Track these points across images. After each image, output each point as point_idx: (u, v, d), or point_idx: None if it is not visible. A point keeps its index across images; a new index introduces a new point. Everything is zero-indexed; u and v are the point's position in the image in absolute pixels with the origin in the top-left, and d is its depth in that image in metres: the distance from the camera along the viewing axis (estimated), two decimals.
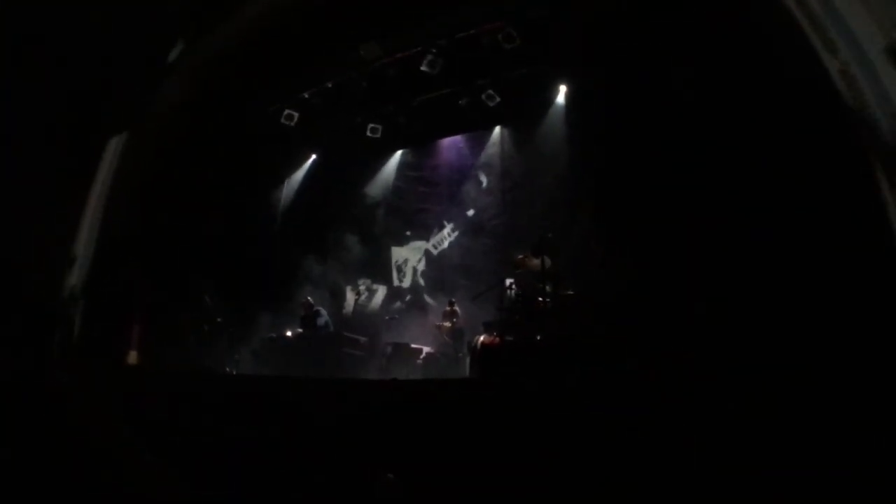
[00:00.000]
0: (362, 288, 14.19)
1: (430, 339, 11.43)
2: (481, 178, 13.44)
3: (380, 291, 14.39)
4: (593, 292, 8.63)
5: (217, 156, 11.88)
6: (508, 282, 9.39)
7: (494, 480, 4.88)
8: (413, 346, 11.28)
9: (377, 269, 14.37)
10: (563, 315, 8.40)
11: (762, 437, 4.19)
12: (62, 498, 4.17)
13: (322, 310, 12.24)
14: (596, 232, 9.82)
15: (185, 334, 11.14)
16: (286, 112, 13.28)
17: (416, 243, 14.20)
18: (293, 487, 5.30)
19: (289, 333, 12.13)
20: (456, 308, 11.42)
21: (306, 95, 13.15)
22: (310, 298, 12.34)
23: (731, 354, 5.63)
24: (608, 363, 6.58)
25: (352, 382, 8.76)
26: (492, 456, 5.08)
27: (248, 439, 5.75)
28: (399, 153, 14.81)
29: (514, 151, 13.04)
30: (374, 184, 14.93)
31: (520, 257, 9.33)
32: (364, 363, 11.41)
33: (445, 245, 13.67)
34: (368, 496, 4.97)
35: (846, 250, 5.47)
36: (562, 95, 12.25)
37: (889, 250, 5.09)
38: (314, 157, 15.49)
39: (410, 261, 14.20)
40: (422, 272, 13.99)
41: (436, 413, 5.98)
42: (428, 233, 13.99)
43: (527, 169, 12.67)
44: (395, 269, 14.38)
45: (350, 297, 14.14)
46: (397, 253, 14.44)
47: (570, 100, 12.13)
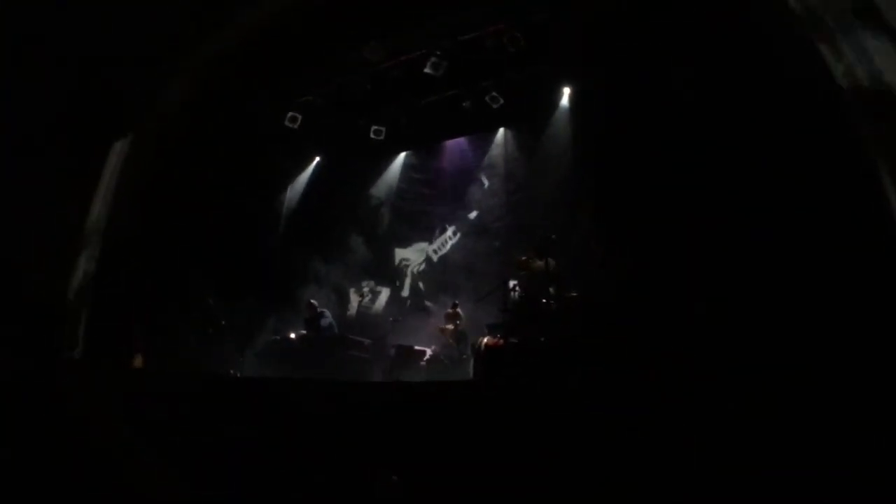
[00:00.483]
0: (366, 290, 14.20)
1: (433, 341, 11.42)
2: (484, 180, 13.43)
3: (383, 293, 14.38)
4: (596, 293, 8.61)
5: (221, 158, 11.90)
6: (512, 283, 9.38)
7: (498, 482, 4.88)
8: (417, 348, 11.27)
9: (381, 270, 14.37)
10: (567, 316, 8.38)
11: (762, 437, 4.18)
12: (64, 498, 4.18)
13: (326, 311, 12.24)
14: (598, 233, 9.81)
15: (188, 336, 11.15)
16: (290, 114, 13.30)
17: (419, 245, 14.19)
18: (295, 489, 5.31)
19: (292, 335, 12.14)
20: (459, 311, 11.41)
21: (310, 97, 13.18)
22: (313, 301, 12.34)
23: (732, 354, 5.61)
24: (611, 364, 6.57)
25: (356, 384, 8.76)
26: (495, 457, 5.08)
27: (251, 441, 5.75)
28: (403, 155, 14.81)
29: (518, 153, 13.04)
30: (378, 186, 14.93)
31: (522, 259, 9.32)
32: (368, 365, 11.41)
33: (447, 248, 13.66)
34: (370, 497, 4.97)
35: (847, 250, 5.46)
36: (565, 97, 12.25)
37: (890, 249, 5.07)
38: (318, 159, 15.51)
39: (413, 263, 14.19)
40: (424, 274, 13.98)
41: (439, 415, 5.97)
42: (431, 234, 13.98)
43: (530, 171, 12.68)
44: (397, 271, 14.38)
45: (354, 298, 14.15)
46: (401, 255, 14.44)
47: (573, 102, 12.13)
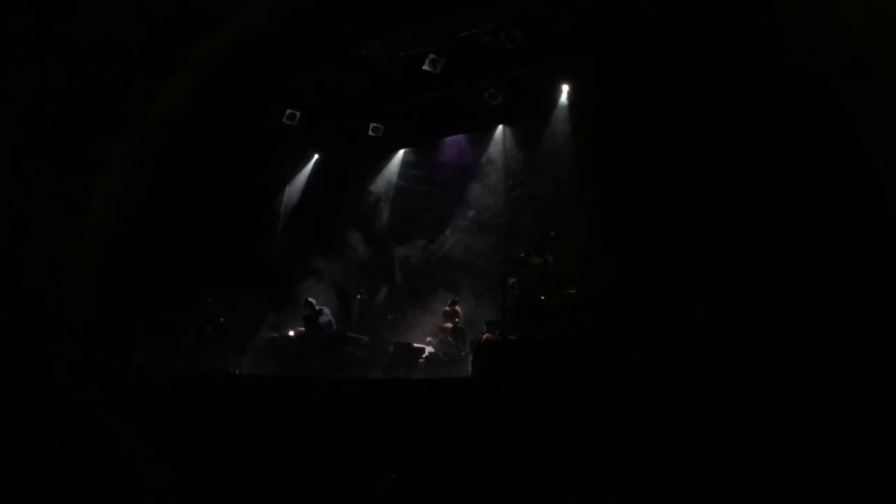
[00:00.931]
0: (365, 287, 14.19)
1: (432, 338, 11.43)
2: (484, 177, 13.41)
3: (382, 291, 14.37)
4: (596, 291, 8.63)
5: (219, 155, 11.88)
6: (510, 281, 9.39)
7: (497, 478, 4.89)
8: (415, 345, 11.27)
9: (380, 268, 14.36)
10: (566, 314, 8.40)
11: (762, 437, 4.20)
12: (63, 498, 4.18)
13: (325, 309, 12.23)
14: (598, 230, 9.82)
15: (187, 335, 11.15)
16: (288, 111, 13.28)
17: (418, 242, 14.18)
18: (294, 485, 5.32)
19: (291, 333, 12.14)
20: (457, 308, 11.41)
21: (308, 94, 13.15)
22: (311, 299, 12.32)
23: (732, 354, 5.62)
24: (610, 362, 6.58)
25: (355, 382, 8.77)
26: (494, 454, 5.09)
27: (251, 438, 5.76)
28: (401, 152, 14.77)
29: (517, 150, 13.02)
30: (377, 183, 14.89)
31: (521, 255, 9.33)
32: (367, 362, 11.40)
33: (445, 248, 13.64)
34: (370, 494, 4.98)
35: (848, 250, 5.47)
36: (564, 94, 12.23)
37: (890, 248, 5.08)
38: (317, 156, 15.49)
39: (412, 260, 14.18)
40: (422, 273, 13.96)
41: (438, 412, 5.99)
42: (430, 231, 13.96)
43: (529, 168, 12.66)
44: (397, 269, 14.37)
45: (353, 296, 14.14)
46: (399, 252, 14.43)
47: (572, 99, 12.12)
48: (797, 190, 6.09)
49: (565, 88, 12.21)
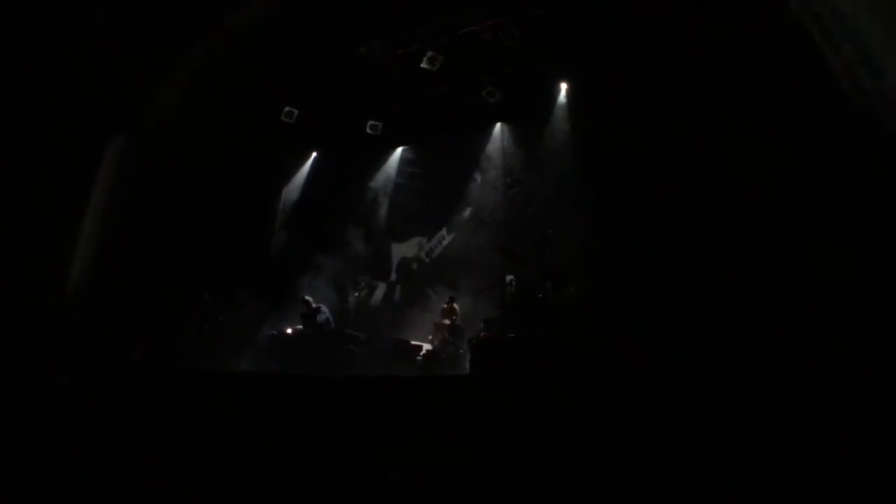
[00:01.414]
0: (363, 285, 14.17)
1: (430, 335, 11.43)
2: (478, 177, 13.40)
3: (380, 288, 14.37)
4: (594, 289, 8.63)
5: (218, 153, 11.86)
6: (509, 278, 9.39)
7: (495, 476, 4.90)
8: (413, 343, 11.28)
9: (378, 265, 14.36)
10: (564, 312, 8.40)
11: (762, 437, 4.20)
12: (64, 496, 4.18)
13: (323, 307, 12.22)
14: (597, 229, 9.82)
15: (186, 333, 11.14)
16: (286, 109, 13.25)
17: (416, 240, 14.18)
18: (293, 484, 5.32)
19: (289, 331, 12.13)
20: (455, 305, 11.41)
21: (306, 92, 13.12)
22: (308, 297, 12.31)
23: (732, 353, 5.64)
24: (609, 360, 6.58)
25: (353, 380, 8.76)
26: (492, 452, 5.10)
27: (250, 437, 5.75)
28: (399, 150, 14.75)
29: (515, 148, 13.02)
30: (375, 181, 14.88)
31: (520, 253, 9.33)
32: (365, 360, 11.40)
33: (444, 244, 13.64)
34: (369, 493, 4.98)
35: (848, 250, 5.47)
36: (563, 92, 12.22)
37: (890, 248, 5.09)
38: (315, 154, 15.46)
39: (410, 257, 14.18)
40: (420, 269, 13.97)
41: (436, 410, 5.99)
42: (429, 229, 13.97)
43: (528, 166, 12.66)
44: (395, 266, 14.37)
45: (351, 293, 14.13)
46: (398, 250, 14.43)
47: (571, 97, 12.11)
48: (797, 190, 6.10)
49: (564, 87, 12.20)
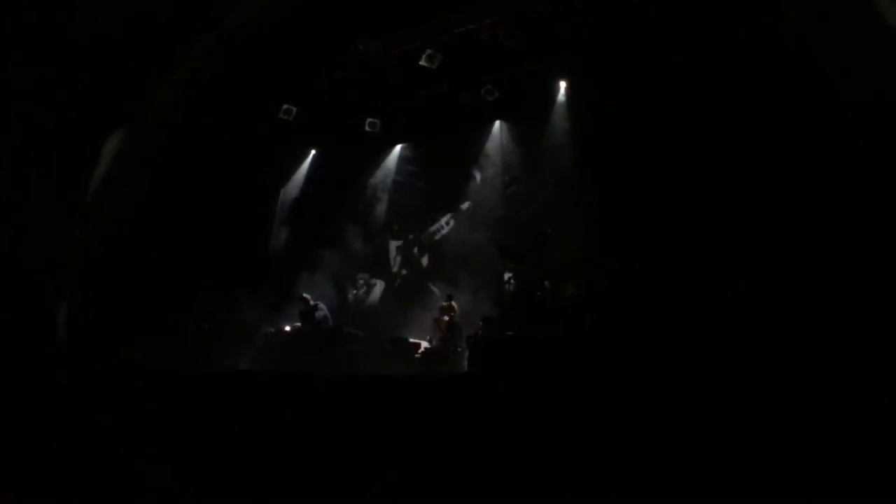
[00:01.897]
0: (361, 282, 14.18)
1: (428, 333, 11.44)
2: (476, 175, 13.41)
3: (378, 285, 14.38)
4: (593, 288, 8.64)
5: (217, 153, 11.84)
6: (507, 276, 9.40)
7: (495, 476, 4.90)
8: (412, 340, 11.30)
9: (376, 262, 14.37)
10: (563, 311, 8.41)
11: (762, 437, 4.21)
12: (64, 496, 4.18)
13: (321, 304, 12.22)
14: (596, 228, 9.82)
15: (186, 333, 11.13)
16: (284, 106, 13.23)
17: (415, 237, 14.19)
18: (290, 484, 5.31)
19: (287, 328, 12.13)
20: (453, 303, 11.42)
21: (305, 90, 13.10)
22: (306, 294, 12.30)
23: (732, 353, 5.64)
24: (607, 359, 6.59)
25: (352, 379, 8.76)
26: (491, 451, 5.09)
27: (249, 437, 5.75)
28: (398, 147, 14.76)
29: (514, 146, 13.02)
30: (374, 178, 14.88)
31: (518, 252, 9.34)
32: (363, 358, 11.40)
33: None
34: (369, 494, 4.98)
35: (848, 250, 5.48)
36: (562, 91, 12.21)
37: (890, 248, 5.10)
38: (314, 152, 15.45)
39: (409, 254, 14.19)
40: (420, 266, 13.98)
41: (435, 408, 5.98)
42: (427, 226, 13.98)
43: (526, 164, 12.66)
44: (393, 263, 14.37)
45: (349, 291, 14.14)
46: (396, 247, 14.43)
47: (569, 95, 12.10)
48: (797, 190, 6.10)
49: (563, 86, 12.19)
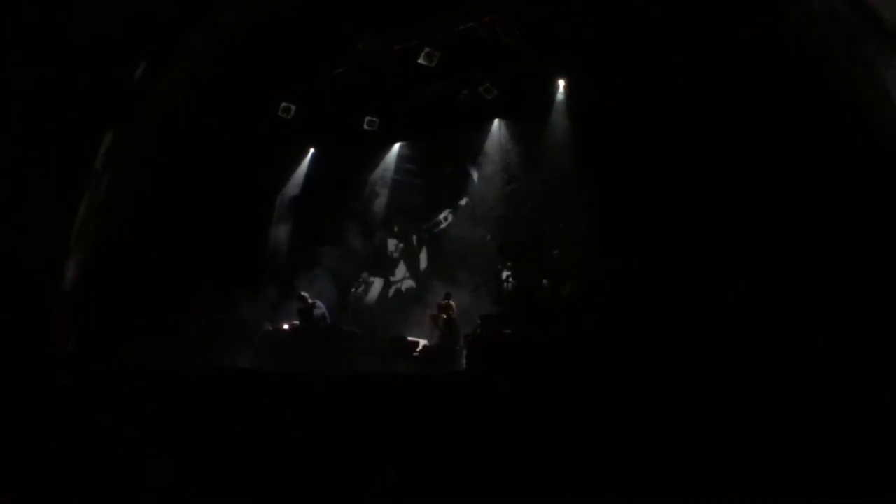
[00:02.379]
0: (359, 281, 14.19)
1: (426, 332, 11.44)
2: (474, 173, 13.41)
3: (376, 284, 14.39)
4: (594, 289, 8.64)
5: (215, 150, 11.81)
6: (505, 275, 9.40)
7: (495, 476, 4.90)
8: (410, 339, 11.29)
9: (375, 261, 14.37)
10: (561, 309, 8.41)
11: (762, 437, 4.21)
12: (64, 496, 4.17)
13: (319, 303, 12.20)
14: (596, 228, 9.82)
15: (186, 333, 11.11)
16: (283, 104, 13.21)
17: (413, 235, 14.19)
18: (292, 485, 5.30)
19: (286, 326, 12.12)
20: (451, 302, 11.41)
21: (304, 88, 13.09)
22: (304, 293, 12.29)
23: (732, 353, 5.65)
24: (607, 359, 6.59)
25: (351, 378, 8.76)
26: (489, 450, 5.09)
27: (248, 436, 5.74)
28: (397, 146, 14.75)
29: (512, 145, 13.03)
30: (373, 177, 14.88)
31: (516, 250, 9.34)
32: (361, 356, 11.40)
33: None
34: (369, 494, 4.98)
35: (848, 250, 5.49)
36: (561, 89, 12.20)
37: (890, 248, 5.11)
38: (313, 150, 15.42)
39: (408, 252, 14.20)
40: (418, 264, 13.99)
41: (437, 410, 5.98)
42: (426, 225, 13.98)
43: (525, 163, 12.67)
44: (391, 261, 14.38)
45: (348, 289, 14.14)
46: (395, 245, 14.44)
47: (569, 94, 12.10)
48: (797, 190, 6.10)
49: (562, 84, 12.18)
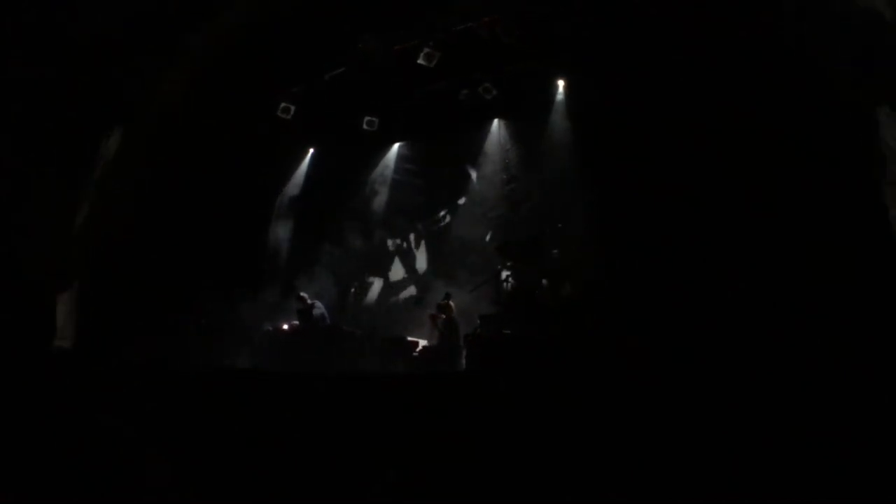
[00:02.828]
0: (359, 281, 14.19)
1: (426, 332, 11.43)
2: (473, 173, 13.41)
3: (376, 284, 14.38)
4: (591, 286, 8.64)
5: (215, 150, 11.81)
6: (505, 274, 9.39)
7: (493, 476, 4.89)
8: (409, 339, 11.29)
9: (374, 261, 14.37)
10: (561, 309, 8.41)
11: (762, 437, 4.21)
12: (64, 496, 4.16)
13: (318, 303, 12.19)
14: (595, 228, 9.83)
15: (186, 333, 11.11)
16: (282, 105, 13.20)
17: (413, 235, 14.19)
18: (292, 485, 5.30)
19: (285, 326, 12.11)
20: (451, 302, 11.40)
21: (303, 88, 13.08)
22: (303, 293, 12.28)
23: (732, 353, 5.65)
24: (607, 359, 6.59)
25: (350, 378, 8.75)
26: (489, 450, 5.09)
27: (248, 435, 5.74)
28: (396, 146, 14.75)
29: (512, 144, 13.03)
30: (373, 176, 14.87)
31: (516, 250, 9.33)
32: (360, 356, 11.40)
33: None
34: (369, 494, 4.97)
35: (848, 250, 5.49)
36: (560, 89, 12.19)
37: (889, 248, 5.11)
38: (312, 150, 15.42)
39: (407, 252, 14.19)
40: (418, 263, 13.99)
41: (433, 407, 5.98)
42: (425, 224, 13.98)
43: (525, 162, 12.67)
44: (391, 261, 14.38)
45: (347, 289, 14.14)
46: (394, 245, 14.43)
47: (568, 94, 12.10)
48: (797, 190, 6.11)
49: (562, 84, 12.17)
